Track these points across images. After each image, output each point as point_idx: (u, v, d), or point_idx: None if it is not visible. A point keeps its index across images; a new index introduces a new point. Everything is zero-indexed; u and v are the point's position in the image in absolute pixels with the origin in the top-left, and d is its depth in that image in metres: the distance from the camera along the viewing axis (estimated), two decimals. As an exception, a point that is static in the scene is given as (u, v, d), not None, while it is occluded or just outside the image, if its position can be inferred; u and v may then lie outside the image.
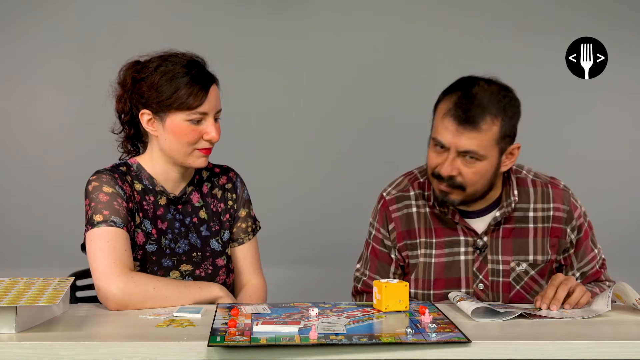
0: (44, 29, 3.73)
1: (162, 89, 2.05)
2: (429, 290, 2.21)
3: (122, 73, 2.14)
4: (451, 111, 2.04)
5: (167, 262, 2.11)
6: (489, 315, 1.85)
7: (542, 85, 3.75)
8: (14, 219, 3.77)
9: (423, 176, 2.26)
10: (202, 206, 2.20)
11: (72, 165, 3.61)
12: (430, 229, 2.21)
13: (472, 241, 2.19)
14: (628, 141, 3.85)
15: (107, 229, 2.00)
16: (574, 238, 2.22)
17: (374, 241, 2.28)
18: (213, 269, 2.16)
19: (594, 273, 2.26)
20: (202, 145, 2.09)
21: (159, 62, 2.08)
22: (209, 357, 1.60)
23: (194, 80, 2.05)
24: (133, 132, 2.18)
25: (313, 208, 3.79)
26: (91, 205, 2.04)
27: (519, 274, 2.19)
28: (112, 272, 1.95)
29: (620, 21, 3.79)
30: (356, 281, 2.32)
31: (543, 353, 1.63)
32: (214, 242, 2.19)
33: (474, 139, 2.03)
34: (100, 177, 2.08)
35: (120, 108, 2.15)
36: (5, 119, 3.77)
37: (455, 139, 2.04)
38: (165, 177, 2.15)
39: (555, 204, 2.21)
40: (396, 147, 3.76)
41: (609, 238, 2.36)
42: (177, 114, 2.05)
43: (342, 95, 3.79)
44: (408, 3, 3.79)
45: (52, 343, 1.62)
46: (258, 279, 2.27)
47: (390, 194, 2.27)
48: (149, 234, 2.10)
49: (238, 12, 3.75)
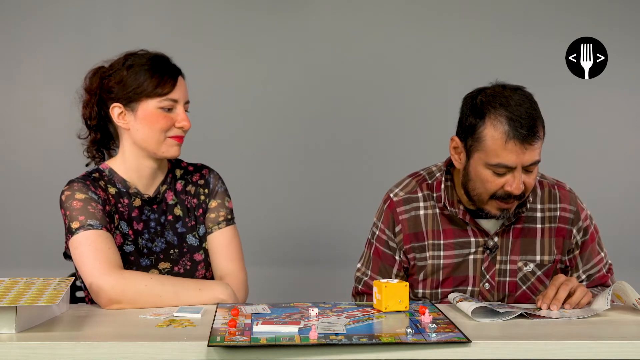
0: (44, 29, 3.73)
1: (131, 79, 2.10)
2: (436, 289, 2.21)
3: (88, 79, 2.19)
4: (511, 133, 2.00)
5: (145, 261, 2.14)
6: (489, 315, 1.85)
7: (542, 85, 3.72)
8: (14, 219, 3.77)
9: (431, 177, 2.25)
10: (177, 203, 2.21)
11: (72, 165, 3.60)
12: (439, 230, 2.20)
13: (483, 241, 2.19)
14: (628, 141, 3.85)
15: (86, 234, 2.02)
16: (580, 239, 2.22)
17: (377, 242, 2.27)
18: (191, 264, 2.18)
19: (600, 277, 2.26)
20: (174, 132, 2.12)
21: (125, 59, 2.14)
22: (209, 357, 1.60)
23: (160, 71, 2.11)
24: (99, 136, 2.21)
25: (313, 208, 3.79)
26: (67, 214, 2.07)
27: (525, 274, 2.19)
28: (101, 271, 1.97)
29: (620, 21, 3.79)
30: (357, 282, 2.31)
31: (543, 353, 1.64)
32: (190, 238, 2.20)
33: (536, 149, 2.03)
34: (72, 186, 2.11)
35: (87, 114, 2.19)
36: (5, 119, 3.77)
37: (521, 157, 2.01)
38: (138, 175, 2.16)
39: (562, 204, 2.21)
40: (396, 147, 3.76)
41: (609, 238, 2.36)
42: (149, 101, 2.09)
43: (340, 95, 3.78)
44: (407, 3, 3.79)
45: (52, 343, 1.62)
46: (233, 268, 2.19)
47: (397, 195, 2.25)
48: (126, 235, 2.13)
49: (238, 12, 3.75)
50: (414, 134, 3.75)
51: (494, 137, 2.02)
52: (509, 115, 2.01)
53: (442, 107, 3.08)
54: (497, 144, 2.02)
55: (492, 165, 2.04)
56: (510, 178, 2.04)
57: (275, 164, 3.79)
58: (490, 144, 2.03)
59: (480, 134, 2.05)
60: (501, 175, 2.04)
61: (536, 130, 2.02)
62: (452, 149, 2.16)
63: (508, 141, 2.00)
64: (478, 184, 2.08)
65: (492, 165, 2.04)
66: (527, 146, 2.00)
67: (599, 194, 3.69)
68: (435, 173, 2.25)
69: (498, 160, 2.02)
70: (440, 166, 2.27)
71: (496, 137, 2.01)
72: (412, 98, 3.77)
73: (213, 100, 3.70)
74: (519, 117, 2.00)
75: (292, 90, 3.79)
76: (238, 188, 2.55)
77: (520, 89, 2.09)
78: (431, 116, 3.71)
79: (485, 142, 2.04)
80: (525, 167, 2.03)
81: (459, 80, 3.03)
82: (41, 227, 3.73)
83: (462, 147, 2.12)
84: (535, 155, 2.03)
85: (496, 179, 2.05)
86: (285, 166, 3.79)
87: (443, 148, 2.37)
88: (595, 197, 3.61)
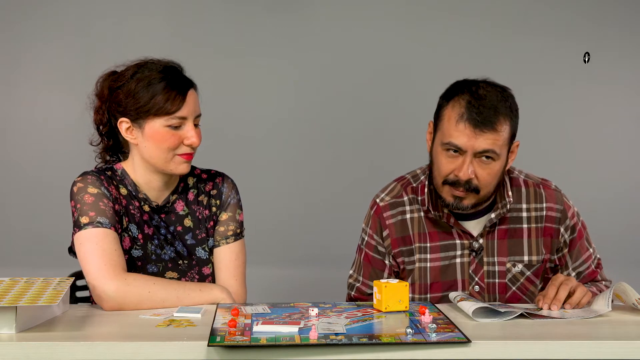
0: (44, 29, 3.73)
1: (139, 95, 2.02)
2: (425, 294, 2.21)
3: (99, 84, 2.12)
4: (465, 115, 2.04)
5: (153, 268, 2.10)
6: (490, 315, 1.85)
7: (542, 85, 3.75)
8: (14, 219, 3.77)
9: (416, 181, 2.25)
10: (187, 214, 2.16)
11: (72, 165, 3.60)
12: (425, 233, 2.21)
13: (468, 244, 2.19)
14: (628, 141, 3.85)
15: (94, 231, 1.99)
16: (568, 238, 2.22)
17: (367, 247, 2.27)
18: (199, 278, 2.14)
19: (590, 273, 2.26)
20: (182, 150, 2.06)
21: (135, 70, 2.06)
22: (209, 357, 1.59)
23: (170, 86, 2.02)
24: (112, 143, 2.16)
25: (314, 208, 3.79)
26: (77, 207, 2.02)
27: (514, 275, 2.19)
28: (105, 274, 1.94)
29: (621, 21, 3.79)
30: (349, 288, 2.31)
31: (543, 353, 1.63)
32: (200, 251, 2.16)
33: (490, 139, 2.04)
34: (86, 178, 2.07)
35: (98, 120, 2.13)
36: (5, 119, 3.77)
37: (472, 141, 2.03)
38: (148, 186, 2.12)
39: (548, 203, 2.21)
40: (397, 147, 3.77)
41: (609, 238, 2.37)
42: (156, 120, 2.02)
43: (340, 96, 3.79)
44: (406, 3, 3.79)
45: (52, 343, 1.62)
46: (236, 287, 2.13)
47: (383, 200, 2.25)
48: (135, 238, 2.09)
49: (238, 12, 3.75)
50: (415, 134, 3.75)
51: (450, 116, 2.07)
52: (469, 99, 2.06)
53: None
54: (450, 123, 2.06)
55: (445, 144, 2.07)
56: (460, 162, 2.06)
57: (275, 164, 3.79)
58: (445, 123, 2.08)
59: (441, 113, 2.11)
60: (452, 159, 2.07)
61: (493, 121, 2.03)
62: (427, 133, 2.20)
63: (460, 121, 2.04)
64: (434, 167, 2.13)
65: (445, 144, 2.07)
66: (479, 132, 2.03)
67: (599, 193, 3.69)
68: (420, 176, 2.26)
69: (449, 139, 2.06)
70: (424, 168, 2.27)
71: (452, 116, 2.06)
72: (411, 100, 3.77)
73: (213, 100, 3.69)
74: (479, 103, 2.04)
75: (291, 91, 3.79)
76: (238, 188, 2.54)
77: (499, 86, 2.11)
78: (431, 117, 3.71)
79: (443, 122, 2.09)
80: (478, 154, 2.05)
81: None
82: (41, 227, 3.73)
83: (433, 130, 2.16)
84: (489, 144, 2.04)
85: (448, 161, 2.08)
86: (285, 166, 3.79)
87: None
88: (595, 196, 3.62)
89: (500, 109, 2.05)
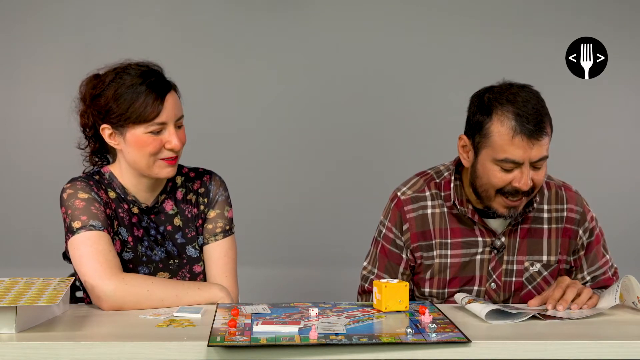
0: (44, 29, 3.73)
1: (118, 103, 2.01)
2: (443, 289, 2.21)
3: (82, 88, 2.11)
4: (517, 128, 2.01)
5: (144, 269, 2.10)
6: (502, 316, 1.84)
7: (542, 85, 3.73)
8: (14, 219, 3.77)
9: (439, 177, 2.24)
10: (177, 213, 2.16)
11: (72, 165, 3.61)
12: (446, 229, 2.20)
13: (490, 241, 2.19)
14: (628, 141, 3.85)
15: (87, 234, 1.99)
16: (586, 240, 2.22)
17: (384, 240, 2.26)
18: (191, 277, 2.15)
19: (605, 279, 2.25)
20: (165, 154, 2.05)
21: (113, 76, 2.04)
22: (209, 357, 1.60)
23: (148, 92, 2.01)
24: (99, 146, 2.15)
25: (314, 208, 3.79)
26: (68, 212, 2.03)
27: (532, 274, 2.19)
28: (102, 274, 1.94)
29: (620, 21, 3.79)
30: (363, 280, 2.30)
31: (544, 353, 1.63)
32: (190, 249, 2.16)
33: (544, 145, 2.04)
34: (75, 184, 2.07)
35: (83, 123, 2.12)
36: (5, 120, 3.77)
37: (528, 153, 2.02)
38: (136, 188, 2.12)
39: (568, 204, 2.22)
40: (398, 147, 3.76)
41: (610, 238, 2.36)
42: (136, 128, 2.01)
43: (343, 94, 3.78)
44: (406, 4, 3.79)
45: (52, 343, 1.62)
46: (227, 284, 2.12)
47: (405, 193, 2.24)
48: (125, 241, 2.09)
49: (237, 12, 3.75)
50: (417, 134, 3.75)
51: (500, 132, 2.03)
52: (515, 111, 2.02)
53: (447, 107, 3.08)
54: (504, 140, 2.02)
55: (500, 160, 2.04)
56: (518, 174, 2.04)
57: (275, 164, 3.79)
58: (497, 140, 2.04)
59: (487, 130, 2.05)
60: (509, 172, 2.05)
61: (543, 126, 2.03)
62: (460, 147, 2.16)
63: (515, 136, 2.01)
64: (485, 179, 2.09)
65: (500, 161, 2.04)
66: (534, 142, 2.01)
67: (599, 193, 3.68)
68: (443, 172, 2.25)
69: (505, 155, 2.03)
70: (448, 165, 2.27)
71: (503, 132, 2.02)
72: (416, 97, 3.77)
73: (213, 100, 3.70)
74: (526, 113, 2.02)
75: (293, 89, 3.79)
76: (238, 188, 2.55)
77: (527, 86, 2.10)
78: (435, 115, 3.71)
79: (493, 138, 2.04)
80: (533, 162, 2.04)
81: (465, 79, 3.03)
82: (41, 227, 3.73)
83: (470, 145, 2.12)
84: (543, 151, 2.04)
85: (504, 175, 2.05)
86: (285, 166, 3.79)
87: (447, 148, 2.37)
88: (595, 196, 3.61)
89: (541, 111, 2.05)
